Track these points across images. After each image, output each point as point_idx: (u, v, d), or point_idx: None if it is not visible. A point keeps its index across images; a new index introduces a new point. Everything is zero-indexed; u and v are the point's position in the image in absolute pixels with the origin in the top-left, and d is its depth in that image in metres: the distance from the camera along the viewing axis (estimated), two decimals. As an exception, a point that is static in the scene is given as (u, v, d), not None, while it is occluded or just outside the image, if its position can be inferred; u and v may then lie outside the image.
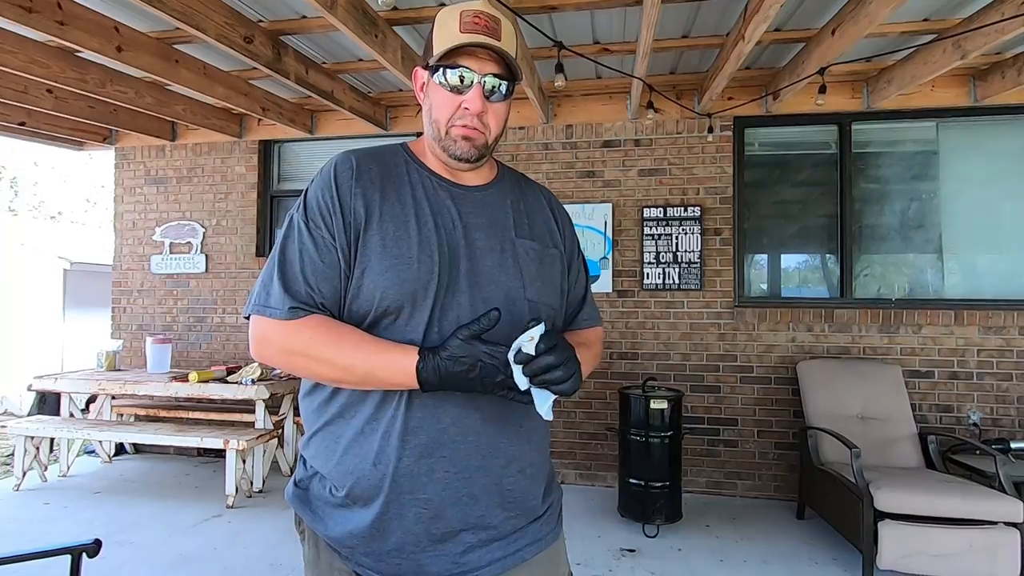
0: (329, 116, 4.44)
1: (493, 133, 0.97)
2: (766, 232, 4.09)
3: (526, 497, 0.99)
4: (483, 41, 0.91)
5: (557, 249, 1.07)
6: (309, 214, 0.94)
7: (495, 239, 0.99)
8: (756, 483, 3.86)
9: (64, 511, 3.50)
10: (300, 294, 0.91)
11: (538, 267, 1.01)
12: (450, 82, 0.93)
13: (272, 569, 2.79)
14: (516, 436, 0.97)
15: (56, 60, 3.14)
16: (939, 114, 3.83)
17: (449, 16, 0.94)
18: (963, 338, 3.67)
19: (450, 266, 0.94)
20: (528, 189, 1.11)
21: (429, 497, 0.91)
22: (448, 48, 0.91)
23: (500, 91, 0.95)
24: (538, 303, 0.99)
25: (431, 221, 0.95)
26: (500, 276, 0.96)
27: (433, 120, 0.97)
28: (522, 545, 0.98)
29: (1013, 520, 2.53)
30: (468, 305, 0.93)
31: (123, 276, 4.90)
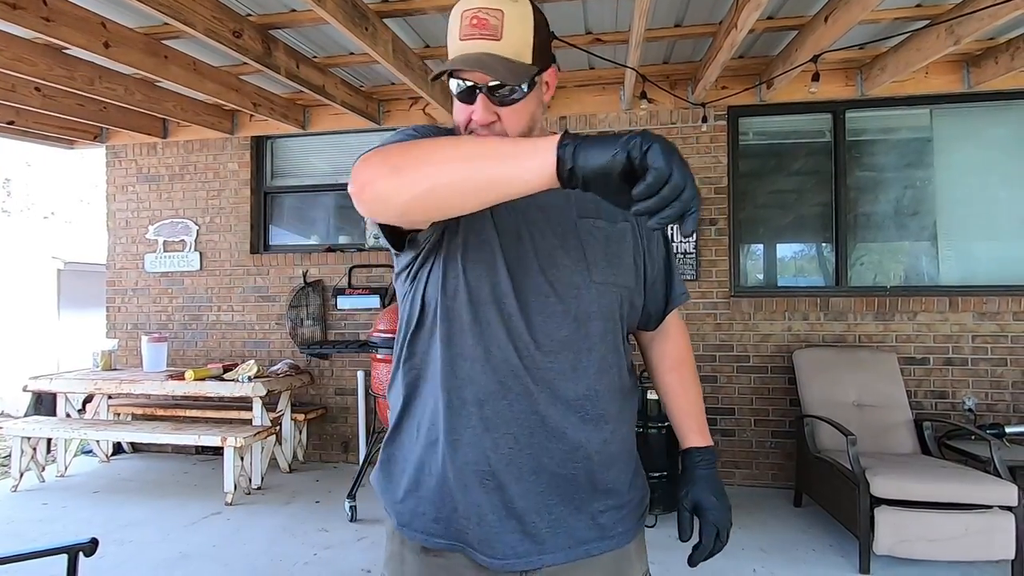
0: (322, 111, 4.41)
1: (513, 132, 0.91)
2: (761, 222, 4.09)
3: (595, 482, 0.95)
4: (477, 51, 0.86)
5: (627, 222, 1.00)
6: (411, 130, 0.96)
7: (556, 219, 0.95)
8: (753, 472, 3.88)
9: (62, 511, 3.50)
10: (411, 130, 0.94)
11: (605, 246, 0.97)
12: (456, 92, 0.91)
13: (272, 565, 2.80)
14: (584, 423, 0.93)
15: (43, 57, 3.11)
16: (933, 101, 3.82)
17: (455, 17, 0.90)
18: (958, 324, 3.69)
19: (515, 247, 0.92)
20: None
21: (493, 470, 0.91)
22: (449, 61, 0.89)
23: (508, 93, 0.89)
24: (606, 284, 0.95)
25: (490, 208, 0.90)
26: (563, 260, 0.93)
27: (456, 124, 0.95)
28: (591, 537, 0.94)
29: (1008, 504, 2.55)
30: (537, 286, 0.91)
31: (117, 275, 4.88)
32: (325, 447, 4.48)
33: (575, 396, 0.92)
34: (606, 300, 0.95)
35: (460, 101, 0.92)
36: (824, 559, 2.82)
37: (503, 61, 0.86)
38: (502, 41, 0.86)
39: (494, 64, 0.86)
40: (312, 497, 3.70)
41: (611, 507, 0.97)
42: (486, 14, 0.86)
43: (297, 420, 4.25)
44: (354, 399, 4.31)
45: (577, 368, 0.92)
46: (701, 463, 1.03)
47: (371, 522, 3.27)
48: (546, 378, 0.91)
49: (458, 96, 0.91)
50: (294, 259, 4.55)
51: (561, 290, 0.92)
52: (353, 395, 4.32)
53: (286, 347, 4.52)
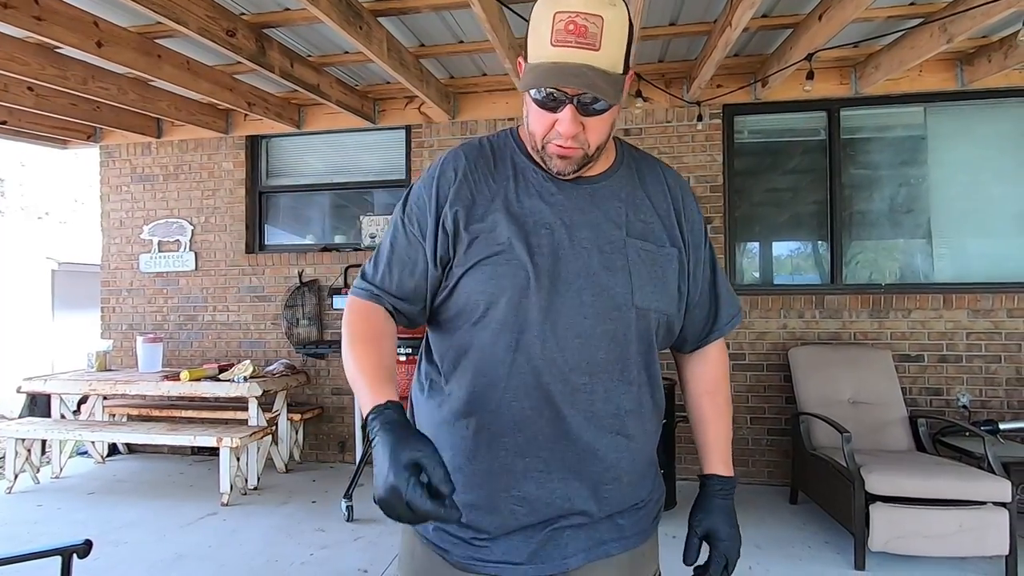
0: (316, 110, 4.40)
1: (594, 145, 0.88)
2: (757, 220, 4.10)
3: (623, 500, 0.97)
4: (575, 60, 0.79)
5: (675, 247, 0.97)
6: (407, 210, 0.97)
7: (604, 238, 0.92)
8: (749, 469, 3.89)
9: (57, 512, 3.49)
10: (376, 278, 0.96)
11: (651, 269, 0.93)
12: (540, 99, 0.85)
13: (268, 565, 2.79)
14: (616, 444, 0.93)
15: (36, 57, 3.10)
16: (927, 99, 3.84)
17: (544, 17, 0.81)
18: (952, 321, 3.70)
19: (552, 266, 0.89)
20: (649, 175, 1.01)
21: (523, 495, 0.91)
22: (538, 64, 0.82)
23: (601, 103, 0.84)
24: (648, 309, 0.93)
25: (532, 219, 0.91)
26: (606, 279, 0.90)
27: (531, 131, 0.90)
28: (609, 538, 0.95)
29: (1002, 500, 2.56)
30: (573, 307, 0.89)
31: (112, 275, 4.86)
32: (321, 447, 4.47)
33: (608, 417, 0.92)
34: (644, 324, 0.93)
35: (542, 108, 0.85)
36: (820, 556, 2.84)
37: (603, 75, 0.80)
38: (600, 52, 0.80)
39: (596, 80, 0.80)
40: (308, 497, 3.69)
41: (631, 509, 0.99)
42: (585, 20, 0.79)
43: (293, 420, 4.24)
44: (350, 399, 4.31)
45: (611, 390, 0.92)
46: (721, 492, 1.02)
47: (368, 522, 3.26)
48: (579, 401, 0.90)
49: (540, 103, 0.85)
50: (290, 259, 4.54)
51: (601, 312, 0.90)
52: (349, 395, 4.31)
53: (282, 347, 4.51)
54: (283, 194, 4.76)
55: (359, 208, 4.67)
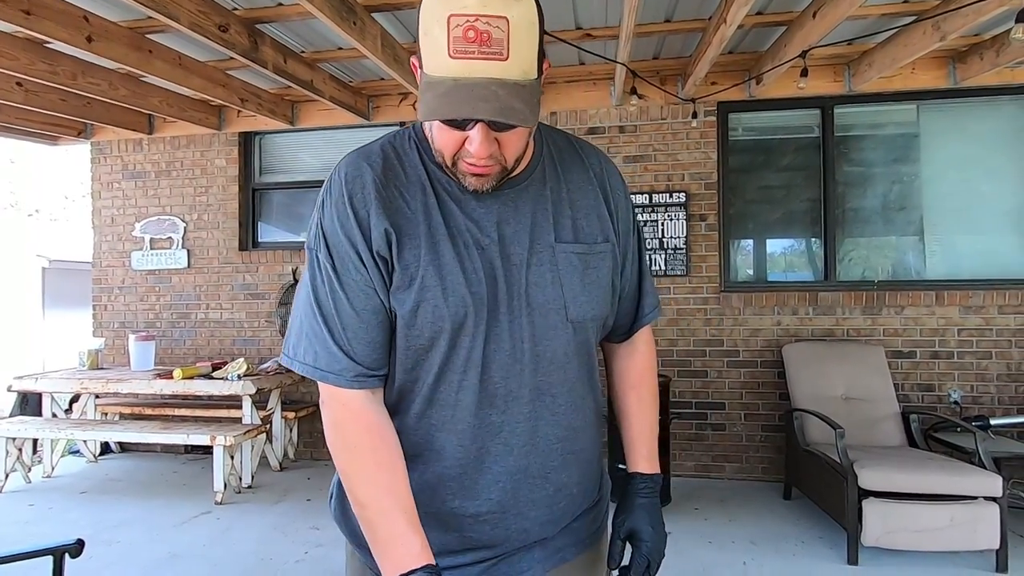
0: (310, 107, 4.37)
1: (512, 159, 0.78)
2: (751, 217, 4.11)
3: (575, 510, 0.95)
4: (477, 74, 0.67)
5: (608, 242, 0.91)
6: (333, 253, 0.81)
7: (532, 249, 0.84)
8: (744, 466, 3.91)
9: (49, 512, 3.46)
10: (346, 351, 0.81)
11: (583, 274, 0.87)
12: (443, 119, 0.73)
13: (262, 564, 2.78)
14: (565, 464, 0.90)
15: (24, 52, 3.05)
16: (920, 96, 3.85)
17: (436, 20, 0.67)
18: (944, 318, 3.73)
19: (490, 291, 0.82)
20: (574, 165, 0.92)
21: (477, 536, 0.88)
22: (435, 79, 0.69)
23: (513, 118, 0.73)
24: (583, 321, 0.87)
25: (462, 239, 0.82)
26: (539, 296, 0.84)
27: (436, 148, 0.79)
28: (565, 544, 0.93)
29: (992, 495, 2.58)
30: (509, 334, 0.83)
31: (103, 273, 4.81)
32: (316, 445, 4.46)
33: (557, 441, 0.88)
34: (582, 336, 0.88)
35: (448, 127, 0.74)
36: (813, 551, 2.85)
37: (516, 91, 0.69)
38: (509, 61, 0.68)
39: (510, 100, 0.68)
40: (303, 495, 3.68)
41: (584, 513, 0.97)
42: (487, 24, 0.66)
43: (288, 418, 4.23)
44: (345, 396, 4.29)
45: (558, 413, 0.87)
46: (644, 490, 0.96)
47: (363, 520, 3.26)
48: (524, 431, 0.85)
49: (445, 121, 0.73)
50: (283, 256, 4.51)
51: (537, 333, 0.84)
52: (344, 392, 4.29)
53: (276, 345, 4.49)
54: (276, 191, 4.73)
55: (353, 205, 4.64)
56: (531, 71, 0.71)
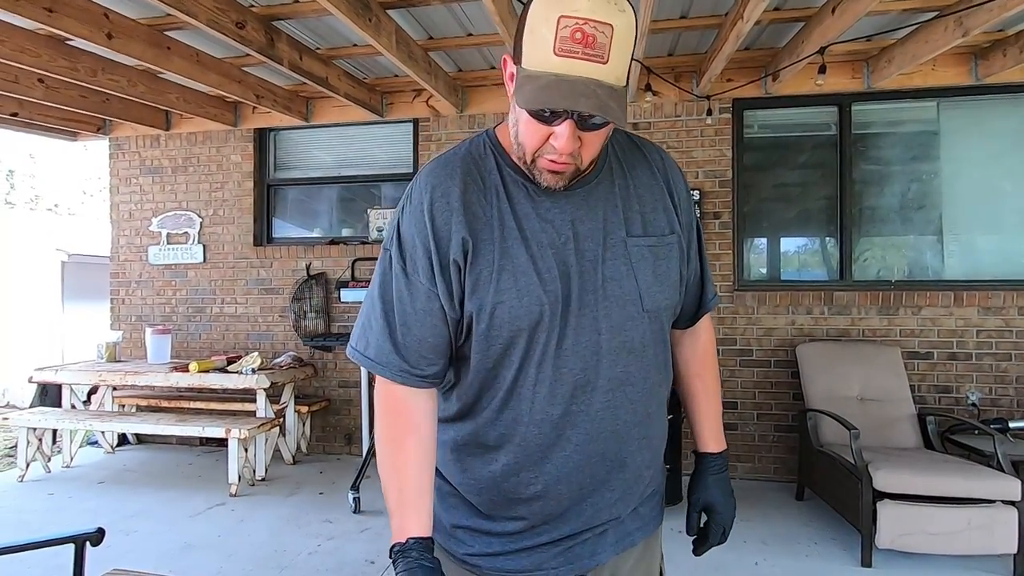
0: (324, 103, 4.40)
1: (587, 160, 0.82)
2: (766, 215, 4.07)
3: (644, 492, 1.00)
4: (580, 73, 0.71)
5: (674, 234, 0.94)
6: (405, 256, 0.86)
7: (606, 244, 0.88)
8: (756, 465, 3.88)
9: (68, 501, 3.53)
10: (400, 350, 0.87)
11: (654, 267, 0.90)
12: (535, 111, 0.76)
13: (276, 555, 2.82)
14: (640, 448, 0.94)
15: (46, 48, 3.10)
16: (940, 93, 3.79)
17: (544, 20, 0.71)
18: (962, 319, 3.67)
19: (564, 288, 0.85)
20: (637, 161, 0.95)
21: (556, 524, 0.92)
22: (536, 73, 0.73)
23: (599, 121, 0.77)
24: (657, 310, 0.91)
25: (535, 240, 0.85)
26: (615, 290, 0.87)
27: (519, 142, 0.82)
28: (633, 528, 0.99)
29: (1011, 498, 2.55)
30: (588, 327, 0.86)
31: (121, 267, 4.89)
32: (328, 439, 4.50)
33: (634, 427, 0.91)
34: (656, 325, 0.92)
35: (537, 120, 0.77)
36: (826, 552, 2.83)
37: (610, 92, 0.73)
38: (608, 65, 0.72)
39: (606, 100, 0.72)
40: (316, 488, 3.72)
41: (648, 497, 1.02)
42: (594, 29, 0.70)
43: (301, 412, 4.27)
44: (357, 391, 4.33)
45: (635, 400, 0.90)
46: (714, 467, 1.06)
47: (375, 513, 3.29)
48: (604, 419, 0.88)
49: (536, 115, 0.77)
50: (297, 251, 4.55)
51: (615, 325, 0.87)
52: (356, 387, 4.33)
53: (290, 339, 4.53)
54: (291, 187, 4.77)
55: (366, 201, 4.67)
56: (623, 78, 0.75)
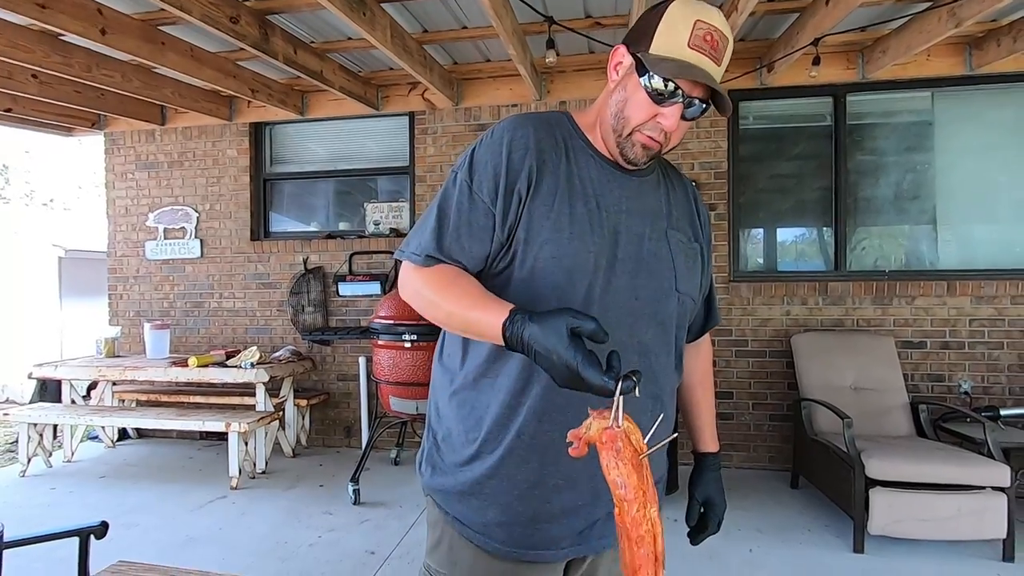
0: (320, 97, 4.39)
1: (670, 147, 0.97)
2: (761, 206, 4.09)
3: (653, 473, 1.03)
4: (706, 67, 0.88)
5: (698, 243, 1.08)
6: (474, 175, 0.95)
7: (652, 227, 1.00)
8: (751, 455, 3.93)
9: (70, 495, 3.56)
10: (442, 247, 0.94)
11: (686, 259, 1.03)
12: (656, 89, 0.90)
13: (277, 547, 2.85)
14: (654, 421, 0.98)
15: (39, 44, 3.09)
16: (934, 84, 3.80)
17: (683, 18, 0.88)
18: (955, 308, 3.71)
19: (611, 248, 0.95)
20: (676, 179, 1.11)
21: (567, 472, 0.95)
22: (671, 61, 0.88)
23: (695, 109, 0.92)
24: (686, 296, 1.02)
25: (594, 201, 0.96)
26: (655, 265, 0.98)
27: (624, 115, 0.94)
28: None
29: (1000, 485, 2.59)
30: (627, 288, 0.95)
31: (118, 263, 4.89)
32: (328, 432, 4.53)
33: (650, 396, 0.98)
34: (683, 309, 1.03)
35: (652, 99, 0.90)
36: (819, 539, 2.88)
37: (716, 86, 0.90)
38: (719, 68, 0.90)
39: (712, 83, 0.88)
40: (316, 481, 3.75)
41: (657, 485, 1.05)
42: (720, 37, 0.89)
43: (300, 406, 4.29)
44: (355, 385, 4.35)
45: (656, 369, 0.99)
46: (713, 465, 1.19)
47: (374, 505, 3.32)
48: None
49: (654, 95, 0.90)
50: (294, 246, 4.56)
51: (650, 294, 0.97)
52: (355, 381, 4.36)
53: (288, 334, 4.55)
54: (287, 181, 4.77)
55: (363, 195, 4.67)
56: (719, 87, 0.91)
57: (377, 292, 4.28)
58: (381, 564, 2.66)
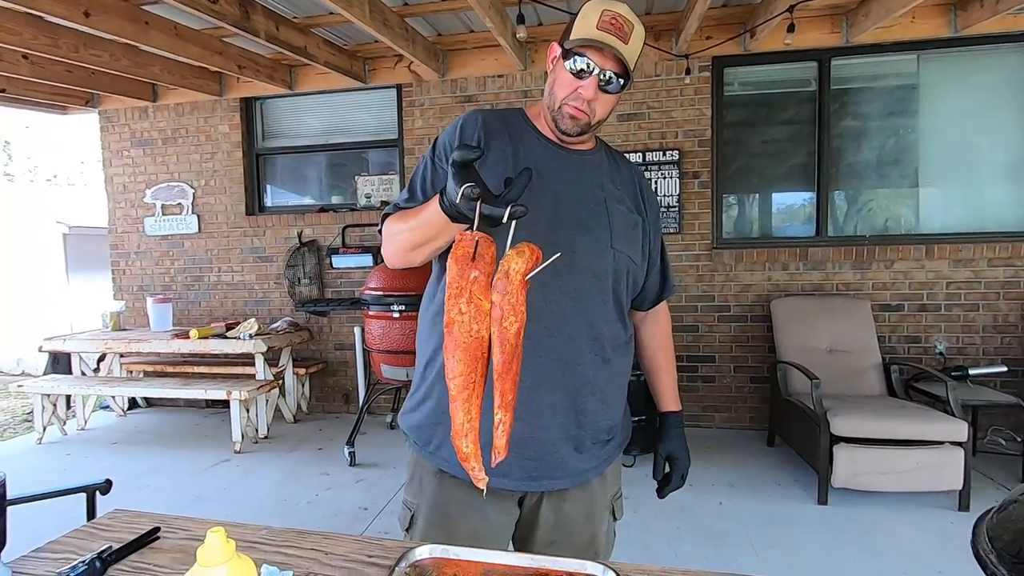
0: (307, 71, 4.42)
1: (597, 117, 1.10)
2: (744, 173, 4.13)
3: (598, 420, 1.14)
4: (611, 43, 1.03)
5: (640, 216, 1.20)
6: (435, 153, 1.13)
7: (592, 194, 1.14)
8: (732, 415, 4.08)
9: (84, 461, 3.77)
10: (410, 201, 1.10)
11: (624, 225, 1.15)
12: (574, 68, 1.06)
13: (277, 505, 3.05)
14: (593, 363, 1.11)
15: (26, 26, 3.15)
16: (920, 46, 3.78)
17: (592, 10, 1.06)
18: (933, 271, 3.78)
19: (553, 209, 1.08)
20: (622, 163, 1.25)
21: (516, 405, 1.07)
22: (581, 39, 1.04)
23: (613, 85, 1.07)
24: (623, 252, 1.14)
25: (537, 168, 1.06)
26: (593, 224, 1.11)
27: (553, 93, 1.11)
28: (587, 467, 1.14)
29: (958, 440, 2.72)
30: (566, 243, 1.06)
31: (119, 239, 5.02)
32: (327, 399, 4.72)
33: (588, 338, 1.10)
34: (620, 265, 1.14)
35: (573, 77, 1.07)
36: (787, 492, 3.04)
37: (625, 60, 1.05)
38: (627, 47, 1.05)
39: (621, 57, 1.04)
40: (315, 444, 3.95)
41: (604, 442, 1.18)
42: (622, 20, 1.05)
43: (299, 374, 4.47)
44: (352, 354, 4.51)
45: (591, 312, 1.10)
46: (675, 423, 1.30)
47: (369, 466, 3.51)
48: (566, 320, 1.08)
49: (573, 72, 1.06)
50: (289, 220, 4.66)
51: (587, 250, 1.09)
52: (351, 350, 4.52)
53: (285, 305, 4.70)
54: (279, 155, 4.84)
55: (355, 168, 4.74)
56: (632, 64, 1.07)
57: (369, 264, 4.40)
58: (373, 519, 2.86)
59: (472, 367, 0.76)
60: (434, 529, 1.14)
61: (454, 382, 0.76)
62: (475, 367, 0.76)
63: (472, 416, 0.77)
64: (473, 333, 0.76)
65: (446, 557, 0.96)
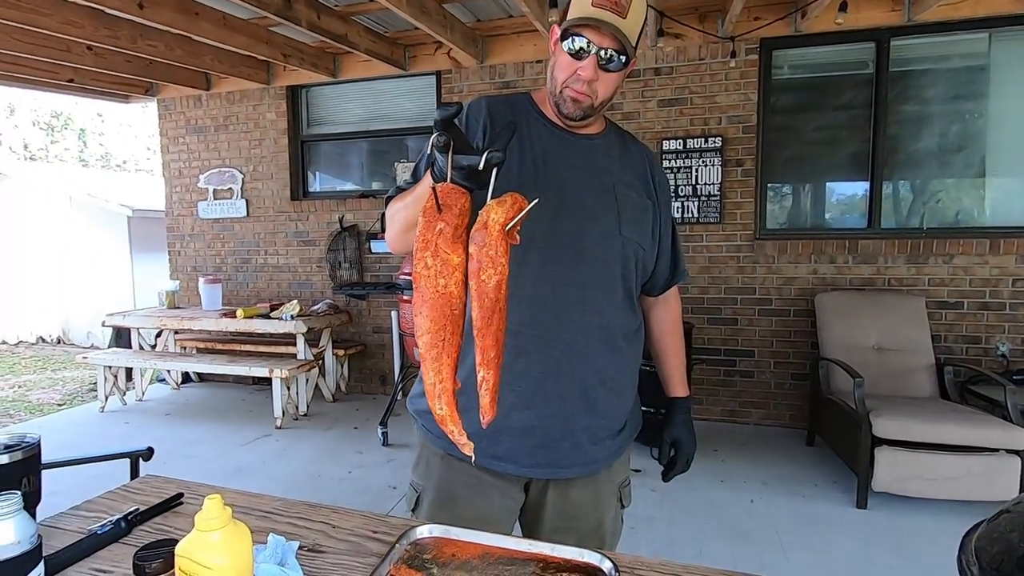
0: (350, 59, 4.50)
1: (600, 98, 1.06)
2: (791, 161, 3.95)
3: (608, 409, 1.13)
4: (607, 19, 0.99)
5: (650, 200, 1.17)
6: None
7: (598, 181, 1.11)
8: (771, 412, 3.95)
9: (140, 429, 4.03)
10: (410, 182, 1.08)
11: (633, 210, 1.13)
12: (571, 49, 1.03)
13: (312, 479, 3.17)
14: (602, 351, 1.10)
15: (88, 19, 3.33)
16: (992, 23, 3.50)
17: None
18: (998, 268, 3.52)
19: (559, 196, 1.06)
20: (633, 146, 1.21)
21: (524, 393, 1.06)
22: (577, 18, 1.01)
23: (615, 63, 1.03)
24: (632, 239, 1.12)
25: (541, 158, 1.08)
26: (599, 211, 1.09)
27: (554, 77, 1.08)
28: (599, 458, 1.14)
29: (1015, 447, 2.55)
30: (572, 231, 1.06)
31: (175, 222, 5.29)
32: (365, 380, 4.86)
33: (597, 326, 1.08)
34: (629, 251, 1.12)
35: (571, 57, 1.03)
36: (823, 493, 2.93)
37: (624, 37, 1.01)
38: (626, 20, 1.00)
39: (622, 39, 1.00)
40: (351, 424, 4.08)
41: (615, 432, 1.16)
42: None
43: (338, 355, 4.61)
44: (389, 336, 4.61)
45: (600, 302, 1.09)
46: (683, 409, 1.29)
47: (400, 447, 3.60)
48: (574, 309, 1.06)
49: (571, 53, 1.03)
50: (331, 205, 4.78)
51: (592, 238, 1.08)
52: (388, 333, 4.62)
53: (327, 288, 4.84)
54: (323, 142, 4.96)
55: (395, 154, 4.81)
56: (633, 38, 1.02)
57: (407, 249, 4.46)
58: (400, 498, 2.93)
59: (440, 324, 0.72)
60: (439, 511, 1.16)
61: (422, 339, 0.72)
62: (443, 324, 0.72)
63: (444, 376, 0.73)
64: (440, 288, 0.72)
65: (447, 537, 0.98)
